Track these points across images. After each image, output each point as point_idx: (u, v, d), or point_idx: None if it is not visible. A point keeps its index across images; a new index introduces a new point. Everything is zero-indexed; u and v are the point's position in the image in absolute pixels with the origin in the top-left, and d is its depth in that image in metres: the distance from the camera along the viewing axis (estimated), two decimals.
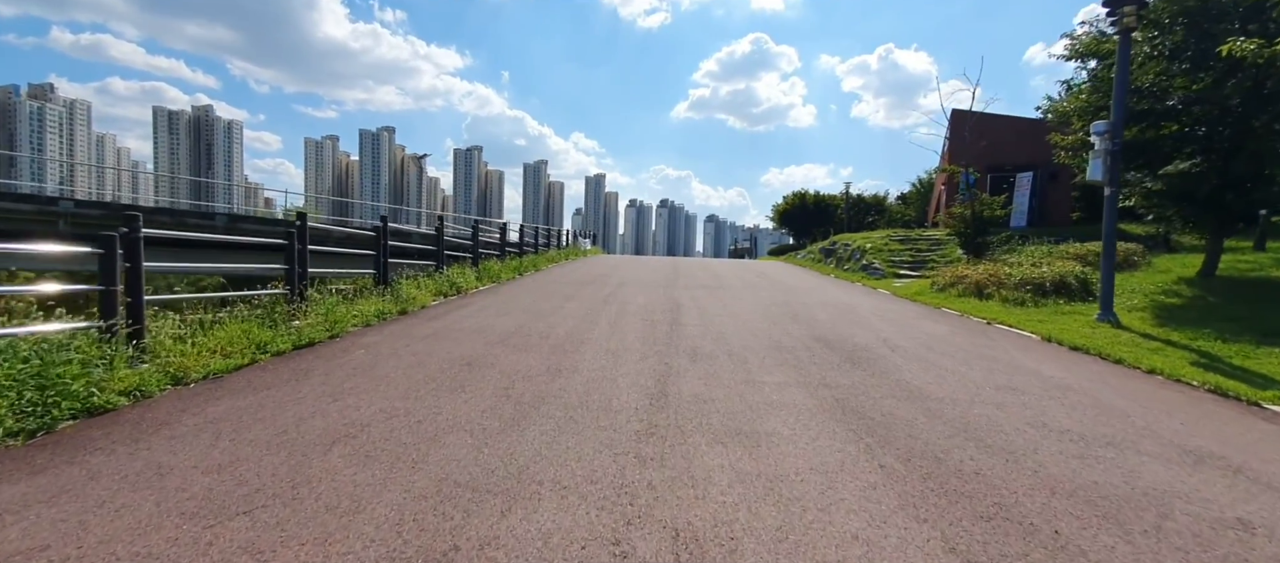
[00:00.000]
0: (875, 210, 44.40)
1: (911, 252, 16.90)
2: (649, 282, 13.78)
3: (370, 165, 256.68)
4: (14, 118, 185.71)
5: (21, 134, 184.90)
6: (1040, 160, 18.75)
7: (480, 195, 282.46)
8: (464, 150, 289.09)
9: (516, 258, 16.04)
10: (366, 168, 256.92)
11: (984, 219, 15.01)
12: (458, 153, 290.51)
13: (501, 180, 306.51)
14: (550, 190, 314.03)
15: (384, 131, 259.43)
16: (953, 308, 10.21)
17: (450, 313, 8.27)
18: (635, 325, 7.77)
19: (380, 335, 6.54)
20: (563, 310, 8.88)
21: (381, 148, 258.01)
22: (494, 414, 3.99)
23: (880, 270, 15.76)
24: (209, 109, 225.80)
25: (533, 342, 6.49)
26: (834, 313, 9.51)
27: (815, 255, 21.82)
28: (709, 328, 7.77)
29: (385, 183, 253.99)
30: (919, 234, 18.44)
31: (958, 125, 20.70)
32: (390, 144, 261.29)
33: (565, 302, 9.88)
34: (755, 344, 6.77)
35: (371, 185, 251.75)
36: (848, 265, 17.56)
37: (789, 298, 11.43)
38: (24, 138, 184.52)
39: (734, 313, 9.20)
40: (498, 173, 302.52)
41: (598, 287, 12.35)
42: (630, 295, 11.03)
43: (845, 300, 11.25)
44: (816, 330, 7.81)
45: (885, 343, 7.04)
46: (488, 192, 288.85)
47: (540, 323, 7.71)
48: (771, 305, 10.27)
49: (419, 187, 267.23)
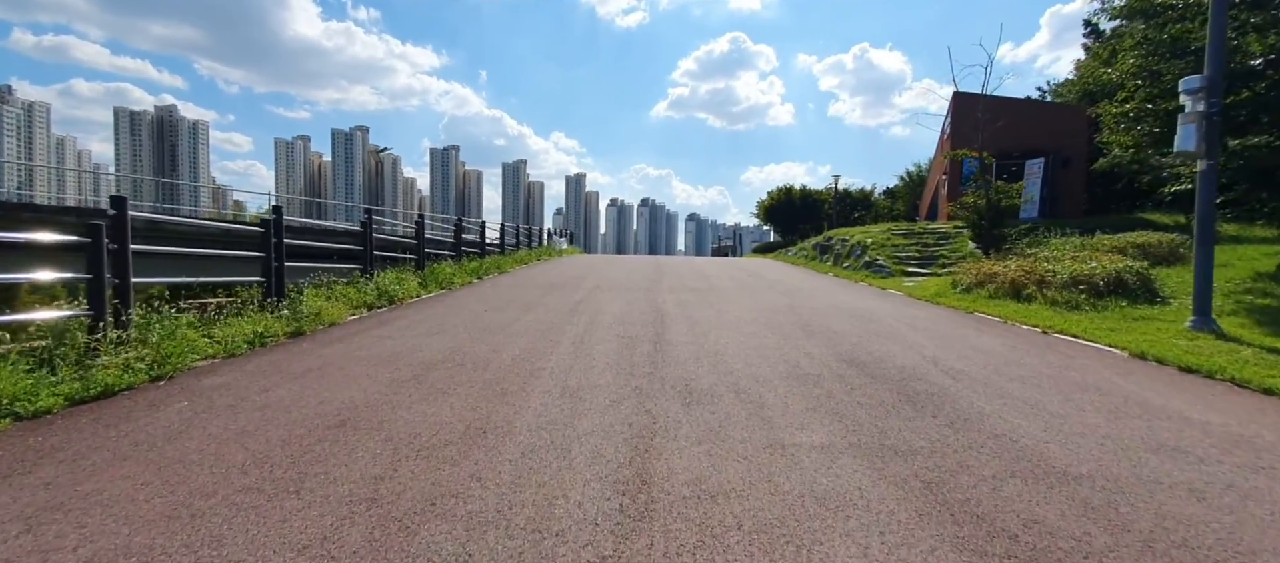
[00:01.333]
0: (862, 206, 43.17)
1: (917, 247, 15.35)
2: (628, 284, 11.95)
3: (343, 166, 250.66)
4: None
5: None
6: (1051, 146, 17.39)
7: (458, 196, 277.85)
8: (441, 150, 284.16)
9: (478, 259, 14.09)
10: (340, 169, 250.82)
11: (1001, 209, 13.47)
12: (434, 153, 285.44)
13: (480, 180, 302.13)
14: (530, 190, 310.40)
15: (357, 131, 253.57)
16: (989, 312, 8.57)
17: (366, 332, 6.35)
18: (608, 345, 5.94)
19: (239, 373, 4.61)
20: (518, 324, 7.01)
21: (355, 148, 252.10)
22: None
23: (886, 268, 14.15)
24: (173, 109, 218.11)
25: (462, 376, 4.63)
26: (853, 321, 7.78)
27: (809, 252, 20.20)
28: (703, 346, 5.98)
29: (359, 183, 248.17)
30: (923, 228, 16.95)
31: (962, 109, 19.24)
32: (364, 144, 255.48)
33: (524, 312, 8.01)
34: (768, 371, 4.99)
35: (345, 186, 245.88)
36: (848, 263, 15.95)
37: (793, 302, 9.70)
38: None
39: (732, 323, 7.42)
40: (476, 173, 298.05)
41: (568, 291, 10.49)
42: (605, 302, 9.19)
43: (859, 305, 9.54)
44: (841, 347, 6.06)
45: (937, 365, 5.32)
46: (466, 192, 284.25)
47: (482, 344, 5.84)
48: (775, 312, 8.53)
49: (395, 187, 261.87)
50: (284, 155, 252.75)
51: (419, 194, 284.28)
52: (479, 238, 15.03)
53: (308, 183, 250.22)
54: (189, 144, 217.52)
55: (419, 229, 10.63)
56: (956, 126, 19.31)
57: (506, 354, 5.42)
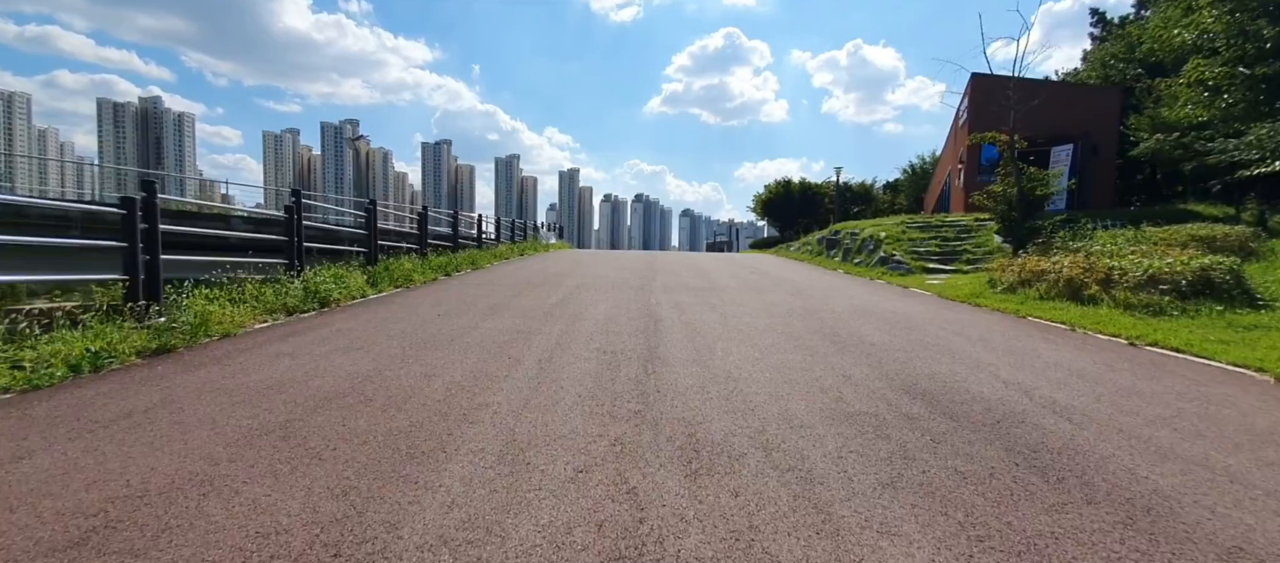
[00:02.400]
0: (861, 200, 41.87)
1: (936, 241, 13.95)
2: (617, 282, 10.46)
3: (333, 160, 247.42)
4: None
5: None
6: (1079, 131, 16.02)
7: (450, 191, 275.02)
8: (432, 145, 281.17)
9: (448, 253, 12.55)
10: (329, 162, 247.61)
11: (1033, 200, 12.07)
12: (426, 147, 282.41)
13: (473, 175, 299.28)
14: (523, 185, 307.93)
15: (347, 125, 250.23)
16: (1047, 317, 7.16)
17: (261, 348, 4.83)
18: (583, 366, 4.46)
19: (21, 420, 3.09)
20: (471, 336, 5.52)
21: (345, 141, 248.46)
22: None
23: (904, 264, 12.73)
24: (157, 101, 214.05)
25: (359, 423, 3.14)
26: (888, 329, 6.34)
27: (813, 247, 18.78)
28: (710, 368, 4.51)
29: (349, 177, 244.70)
30: (941, 220, 15.57)
31: (982, 91, 17.84)
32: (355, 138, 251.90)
33: (485, 317, 6.52)
34: (803, 408, 3.53)
35: (335, 180, 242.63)
36: (859, 259, 14.52)
37: (808, 303, 8.25)
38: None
39: (742, 333, 5.96)
40: (468, 167, 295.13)
41: (546, 291, 8.99)
42: (588, 304, 7.71)
43: (887, 307, 8.10)
44: (888, 367, 4.62)
45: (1030, 398, 3.87)
46: (458, 186, 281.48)
47: (413, 365, 4.35)
48: (790, 316, 7.07)
49: (386, 181, 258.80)
50: (272, 148, 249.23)
51: (411, 189, 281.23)
52: (451, 230, 13.47)
53: (297, 176, 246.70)
54: (174, 137, 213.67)
55: (369, 217, 9.07)
56: (975, 110, 17.90)
57: (440, 383, 3.93)
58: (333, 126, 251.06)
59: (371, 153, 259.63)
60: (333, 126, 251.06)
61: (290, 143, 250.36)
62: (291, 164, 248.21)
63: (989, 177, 18.06)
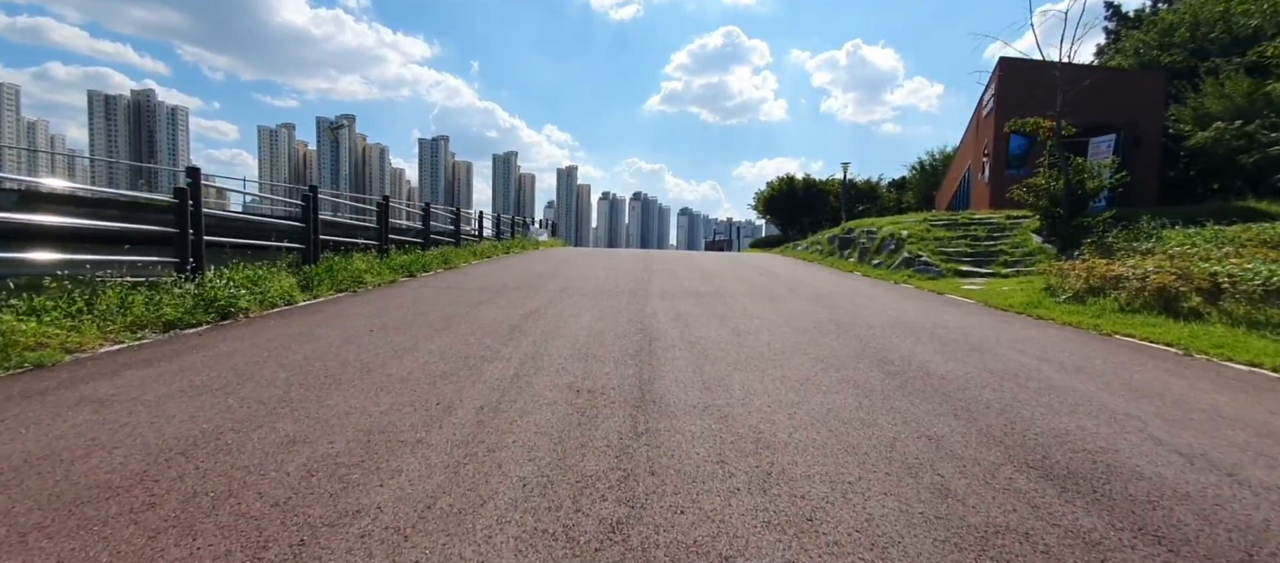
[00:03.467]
0: (867, 198, 40.43)
1: (966, 241, 12.51)
2: (607, 286, 8.99)
3: (328, 155, 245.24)
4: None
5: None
6: (1121, 119, 14.56)
7: (448, 187, 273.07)
8: (430, 141, 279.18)
9: (417, 250, 11.06)
10: (325, 157, 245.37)
11: (1083, 194, 10.61)
12: (423, 143, 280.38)
13: (470, 172, 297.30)
14: (520, 183, 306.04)
15: (344, 120, 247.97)
16: (1141, 336, 5.72)
17: (66, 389, 3.36)
18: (540, 420, 3.01)
19: None
20: (396, 365, 4.05)
21: (341, 137, 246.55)
22: None
23: (933, 267, 11.28)
24: (150, 94, 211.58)
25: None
26: (953, 354, 4.90)
27: (823, 247, 17.33)
28: (731, 425, 3.05)
29: (345, 173, 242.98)
30: (967, 217, 14.12)
31: (1011, 76, 16.38)
32: (351, 133, 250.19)
33: (431, 335, 5.05)
34: (901, 525, 2.07)
35: (331, 176, 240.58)
36: (878, 260, 13.07)
37: (837, 315, 6.80)
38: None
39: (766, 360, 4.50)
40: (465, 164, 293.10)
41: (521, 296, 7.53)
42: (568, 315, 6.24)
43: (934, 321, 6.66)
44: (993, 425, 3.17)
45: (1250, 486, 2.41)
46: (455, 183, 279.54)
47: (281, 422, 2.89)
48: (820, 332, 5.62)
49: (382, 177, 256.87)
50: (268, 143, 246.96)
51: (408, 185, 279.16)
52: (422, 225, 11.95)
53: (292, 172, 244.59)
54: (167, 130, 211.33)
55: (308, 208, 7.53)
56: (1003, 98, 16.44)
57: (302, 458, 2.46)
58: (329, 122, 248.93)
59: (368, 148, 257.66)
60: (329, 122, 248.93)
61: (286, 138, 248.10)
62: (287, 159, 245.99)
63: (1018, 170, 16.64)
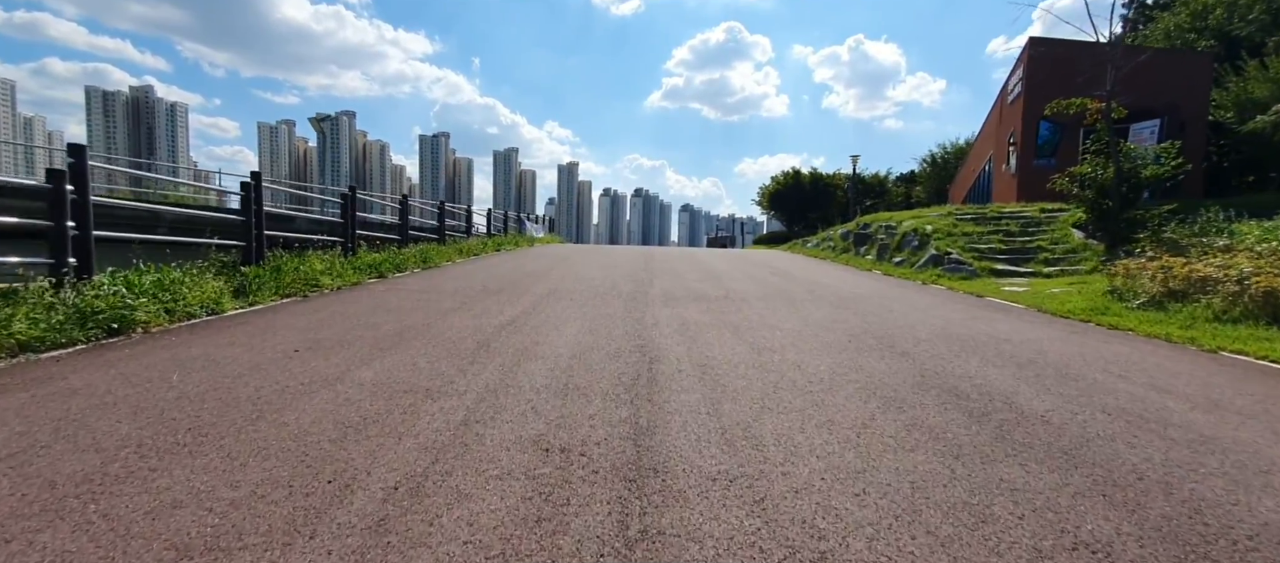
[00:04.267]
0: (875, 193, 39.27)
1: (998, 236, 11.40)
2: (604, 287, 7.92)
3: (329, 151, 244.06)
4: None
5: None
6: (1164, 103, 13.40)
7: (448, 184, 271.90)
8: (430, 137, 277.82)
9: (393, 248, 9.98)
10: (325, 154, 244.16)
11: (1137, 184, 9.47)
12: (424, 140, 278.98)
13: (471, 168, 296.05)
14: (521, 179, 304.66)
15: (343, 116, 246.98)
16: (1254, 353, 4.63)
17: None
18: (480, 510, 1.93)
19: None
20: (303, 408, 2.99)
21: (340, 133, 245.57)
22: None
23: (966, 266, 10.17)
24: (149, 90, 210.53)
25: None
26: (1037, 381, 3.84)
27: (836, 243, 16.22)
28: (777, 526, 1.97)
29: (345, 169, 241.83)
30: (997, 211, 12.98)
31: (1043, 58, 15.21)
32: (350, 129, 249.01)
33: (371, 357, 3.99)
34: None
35: (330, 172, 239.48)
36: (900, 258, 11.96)
37: (872, 325, 5.72)
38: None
39: (802, 392, 3.44)
40: (466, 161, 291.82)
41: (501, 302, 6.46)
42: (553, 326, 5.17)
43: (991, 332, 5.57)
44: (1177, 522, 2.09)
45: None
46: (456, 180, 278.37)
47: (58, 537, 1.79)
48: (860, 350, 4.54)
49: (382, 173, 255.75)
50: (268, 139, 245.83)
51: (409, 182, 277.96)
52: (399, 220, 10.82)
53: (292, 168, 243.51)
54: (167, 126, 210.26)
55: (248, 199, 6.38)
56: (1032, 82, 15.27)
57: None
58: (323, 116, 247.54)
59: (368, 144, 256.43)
60: (323, 116, 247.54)
61: (286, 134, 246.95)
62: (287, 155, 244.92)
63: (1047, 160, 15.52)
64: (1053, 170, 15.11)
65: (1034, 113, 15.02)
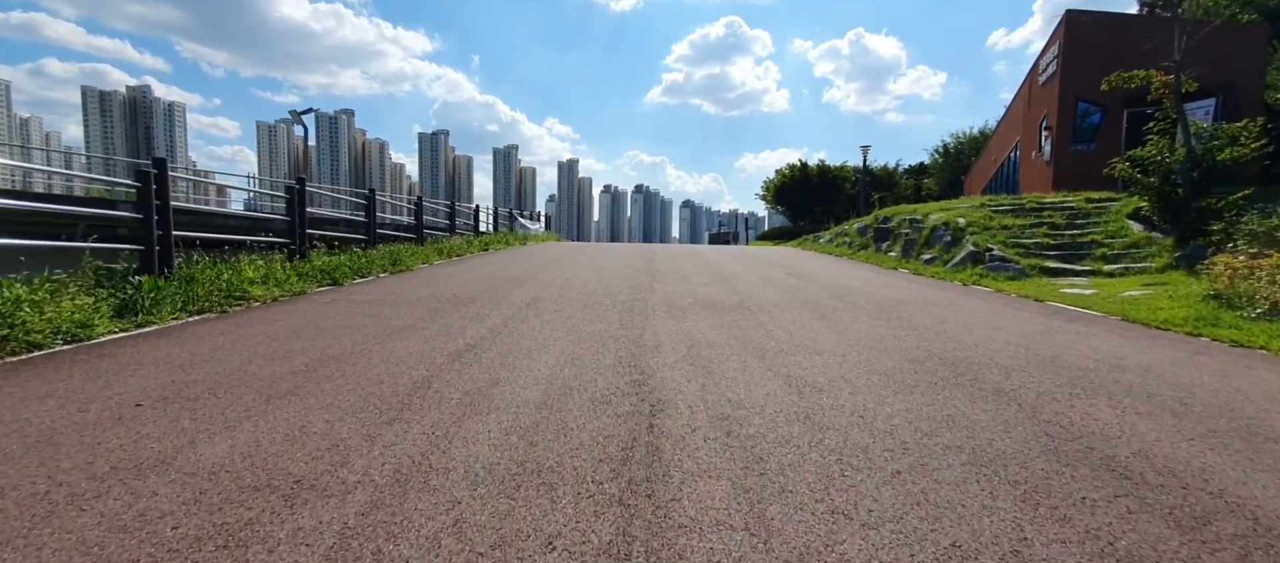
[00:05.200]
0: (884, 185, 37.94)
1: (1043, 230, 10.12)
2: (596, 293, 6.69)
3: (328, 150, 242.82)
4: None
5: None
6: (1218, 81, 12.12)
7: (448, 182, 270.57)
8: (429, 135, 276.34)
9: (359, 250, 8.75)
10: (324, 152, 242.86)
11: (1212, 168, 8.20)
12: (423, 138, 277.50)
13: (470, 166, 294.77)
14: (521, 176, 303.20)
15: (342, 114, 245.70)
16: None
17: None
18: None
19: None
20: (41, 538, 1.74)
21: (340, 131, 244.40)
22: None
23: (1011, 264, 8.91)
24: (146, 90, 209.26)
25: None
26: (1262, 460, 2.57)
27: (852, 238, 14.95)
28: None
29: (345, 168, 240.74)
30: (1036, 201, 11.67)
31: (1080, 34, 13.91)
32: (350, 127, 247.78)
33: (259, 409, 2.77)
34: None
35: (330, 171, 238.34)
36: (930, 254, 10.71)
37: (933, 346, 4.49)
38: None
39: (885, 471, 2.21)
40: (466, 158, 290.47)
41: (470, 315, 5.25)
42: (524, 352, 3.96)
43: (1101, 355, 4.36)
44: None
45: None
46: (456, 177, 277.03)
47: None
48: (935, 386, 3.33)
49: (382, 172, 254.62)
50: (267, 139, 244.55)
51: (409, 180, 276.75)
52: (365, 217, 9.53)
53: (291, 167, 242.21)
54: (165, 126, 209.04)
55: (148, 191, 5.07)
56: (1071, 58, 13.95)
57: None
58: (328, 116, 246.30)
59: (367, 143, 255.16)
60: (328, 116, 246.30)
61: (285, 133, 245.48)
62: (286, 154, 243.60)
63: (1087, 145, 14.23)
64: (1093, 156, 13.88)
65: (1071, 93, 13.73)
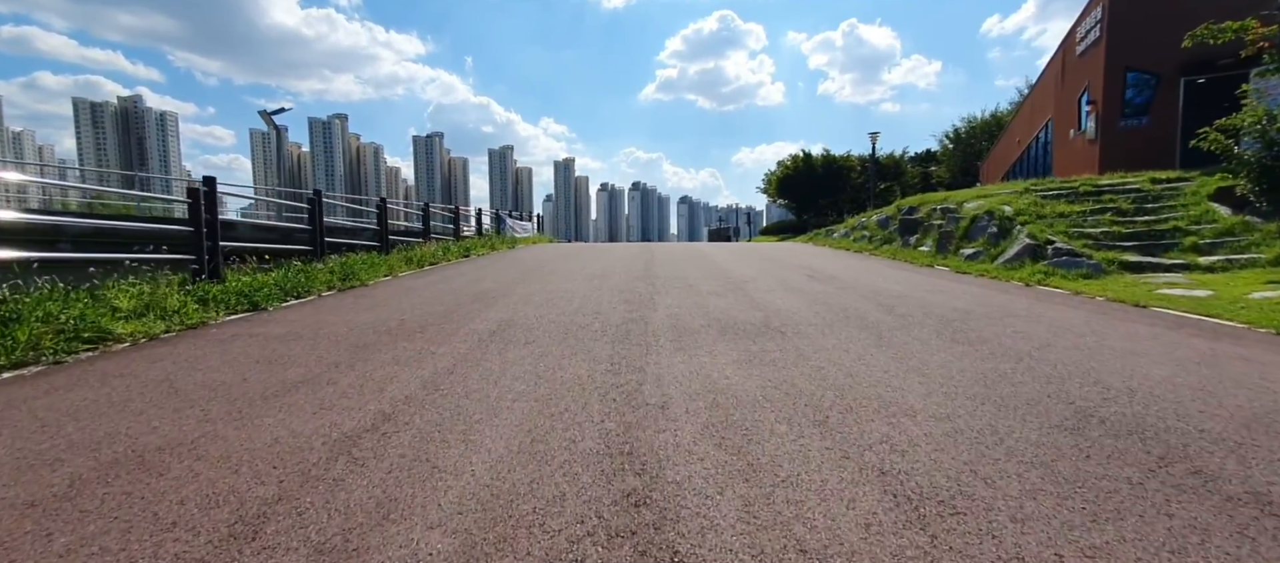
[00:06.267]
0: (891, 174, 36.48)
1: (1109, 216, 8.68)
2: (582, 315, 5.26)
3: (322, 155, 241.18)
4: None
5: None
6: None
7: (444, 184, 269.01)
8: (424, 137, 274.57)
9: (301, 263, 7.32)
10: (319, 158, 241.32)
11: None
12: (418, 140, 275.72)
13: (466, 168, 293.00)
14: (517, 177, 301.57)
15: (336, 119, 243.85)
16: None
17: None
18: None
19: None
20: None
21: (334, 137, 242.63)
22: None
23: (1083, 259, 7.49)
24: (138, 100, 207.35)
25: None
26: None
27: (872, 232, 13.51)
28: None
29: (340, 173, 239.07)
30: (1090, 184, 10.19)
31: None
32: (344, 132, 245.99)
33: None
34: None
35: (325, 177, 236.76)
36: (972, 250, 9.27)
37: (1064, 389, 3.07)
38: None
39: None
40: (462, 160, 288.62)
41: (410, 353, 3.81)
42: (465, 421, 2.50)
43: None
44: None
45: None
46: (451, 180, 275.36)
47: None
48: (1119, 462, 1.90)
49: (377, 176, 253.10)
50: (261, 146, 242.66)
51: (404, 183, 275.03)
52: (309, 225, 7.94)
53: (285, 174, 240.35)
54: (157, 136, 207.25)
55: None
56: (1119, 19, 12.46)
57: None
58: (321, 122, 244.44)
59: (362, 147, 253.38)
60: (321, 122, 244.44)
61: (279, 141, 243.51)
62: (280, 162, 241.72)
63: (1137, 119, 12.76)
64: (1145, 131, 12.45)
65: (1119, 61, 12.27)
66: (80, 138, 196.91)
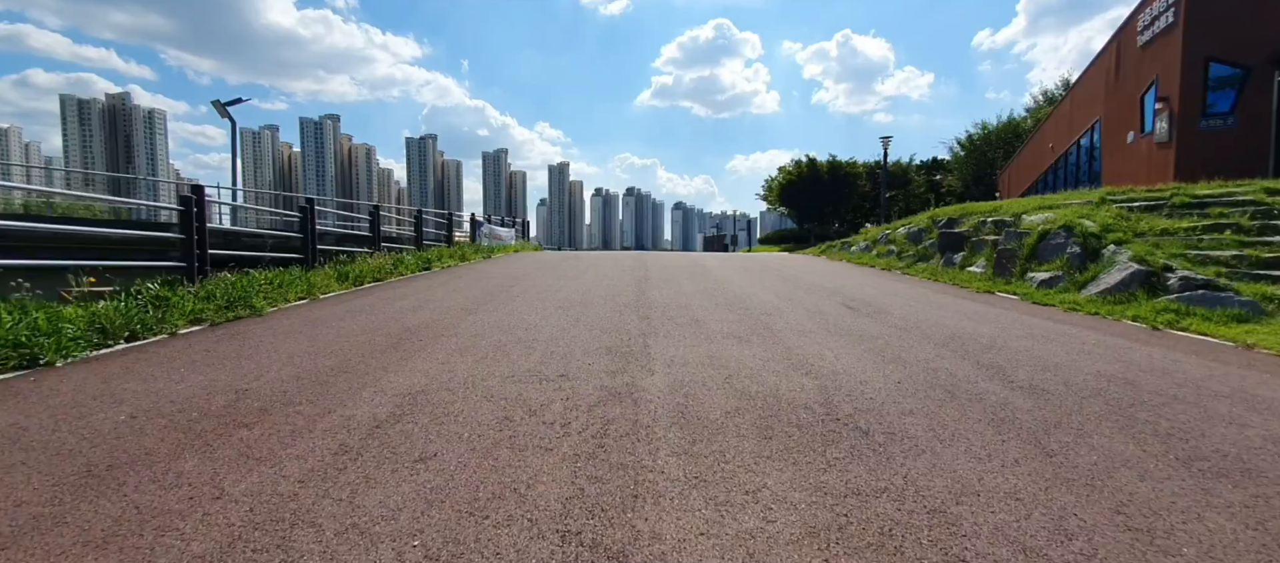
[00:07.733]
0: (897, 183, 34.82)
1: (1228, 233, 6.79)
2: (546, 371, 3.31)
3: (314, 156, 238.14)
4: None
5: None
6: None
7: (437, 187, 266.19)
8: (417, 140, 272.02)
9: (241, 272, 5.38)
10: (310, 159, 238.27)
11: None
12: (411, 142, 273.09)
13: (459, 171, 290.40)
14: (511, 180, 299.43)
15: (328, 120, 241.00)
16: None
17: None
18: None
19: None
20: None
21: (325, 138, 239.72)
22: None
23: (1229, 293, 5.65)
24: (126, 97, 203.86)
25: None
26: None
27: (902, 247, 11.65)
28: None
29: (331, 174, 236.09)
30: (1186, 195, 8.32)
31: None
32: (335, 133, 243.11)
33: None
34: None
35: (316, 178, 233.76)
36: (1046, 275, 7.40)
37: None
38: None
39: None
40: (455, 163, 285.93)
41: (206, 475, 1.83)
42: None
43: None
44: None
45: None
46: (445, 183, 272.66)
47: None
48: None
49: (369, 178, 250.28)
50: (251, 146, 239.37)
51: (397, 185, 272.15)
52: (181, 233, 5.71)
53: (277, 175, 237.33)
54: (145, 135, 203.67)
55: None
56: (1199, 6, 10.69)
57: None
58: (313, 122, 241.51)
59: (354, 148, 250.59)
60: (313, 122, 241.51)
61: (269, 140, 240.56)
62: (271, 162, 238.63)
63: (1223, 120, 10.98)
64: (1232, 133, 10.71)
65: (1200, 51, 10.51)
66: (66, 135, 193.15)
